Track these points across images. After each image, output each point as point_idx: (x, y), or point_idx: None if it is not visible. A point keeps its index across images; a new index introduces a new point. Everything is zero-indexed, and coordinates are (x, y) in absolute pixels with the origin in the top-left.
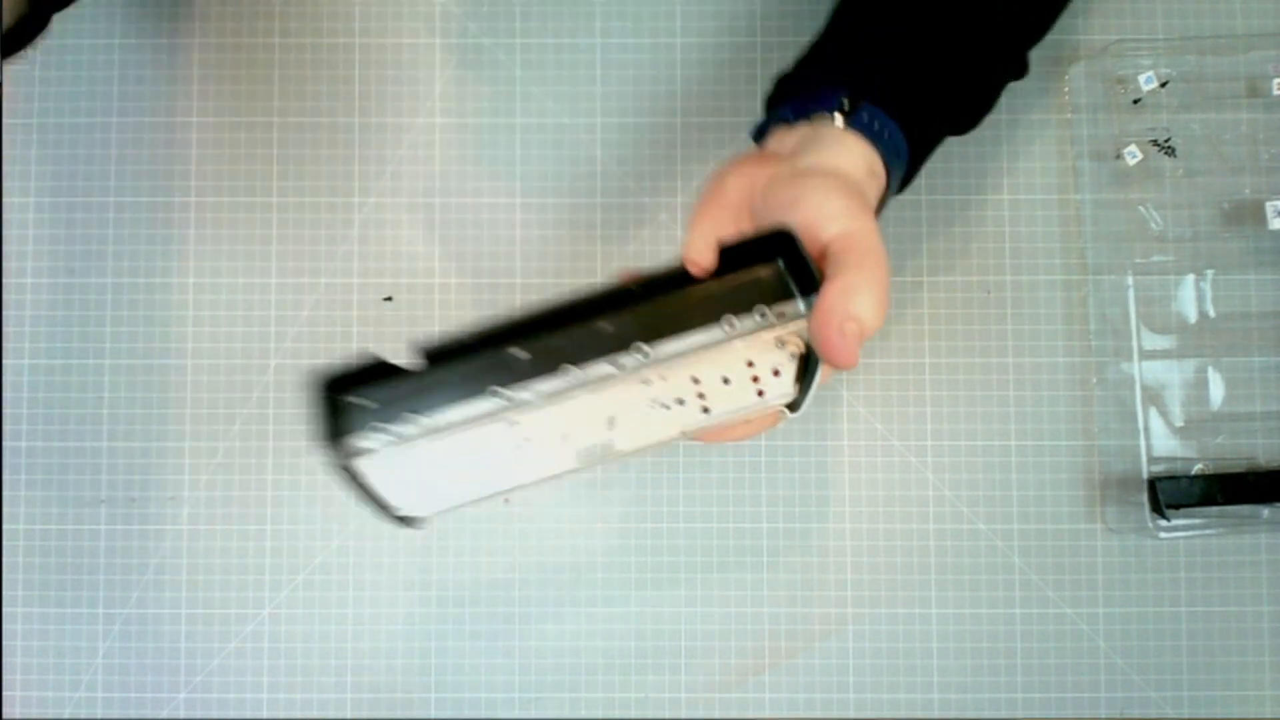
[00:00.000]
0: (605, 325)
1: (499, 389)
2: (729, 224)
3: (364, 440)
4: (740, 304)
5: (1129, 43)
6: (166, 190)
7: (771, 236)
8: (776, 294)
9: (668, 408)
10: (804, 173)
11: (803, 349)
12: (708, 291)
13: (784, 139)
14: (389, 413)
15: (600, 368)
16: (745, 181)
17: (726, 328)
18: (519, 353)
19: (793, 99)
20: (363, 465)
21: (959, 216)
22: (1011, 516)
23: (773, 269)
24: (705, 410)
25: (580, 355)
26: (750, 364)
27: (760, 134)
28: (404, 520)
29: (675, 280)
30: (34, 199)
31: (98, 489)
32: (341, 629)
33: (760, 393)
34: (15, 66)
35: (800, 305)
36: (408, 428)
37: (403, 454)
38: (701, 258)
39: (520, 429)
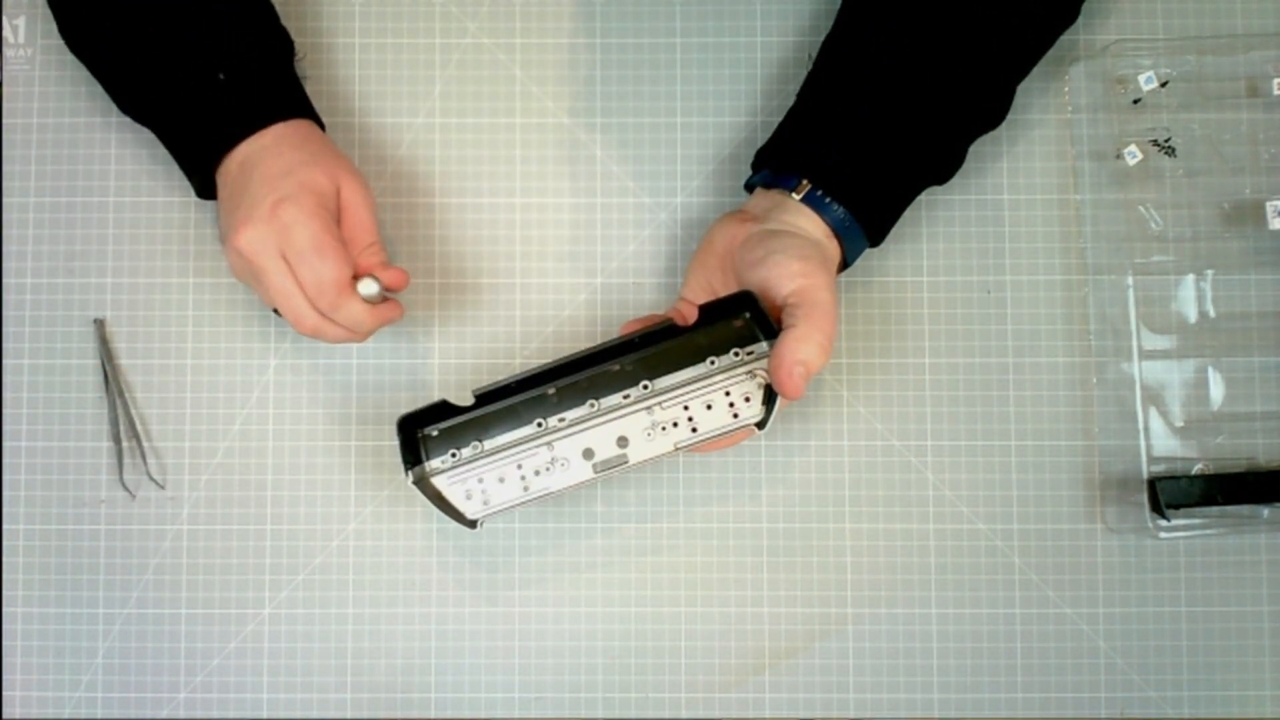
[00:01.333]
0: (616, 367)
1: (540, 420)
2: (715, 270)
3: (439, 462)
4: (719, 347)
5: (1129, 43)
6: (166, 190)
7: (739, 296)
8: (746, 339)
9: (665, 429)
10: (771, 234)
11: (768, 379)
12: (695, 338)
13: (760, 200)
14: (456, 441)
15: (613, 399)
16: (727, 237)
17: (709, 365)
18: (551, 391)
19: (764, 170)
20: (438, 481)
21: (959, 216)
22: (1011, 516)
23: (743, 320)
24: (694, 430)
25: (598, 391)
26: (727, 393)
27: (750, 187)
28: (469, 523)
29: (667, 332)
30: (34, 199)
31: (98, 489)
32: (341, 629)
33: (735, 415)
34: (17, 68)
35: (765, 346)
36: (470, 451)
37: (467, 471)
38: (688, 309)
39: (554, 449)
